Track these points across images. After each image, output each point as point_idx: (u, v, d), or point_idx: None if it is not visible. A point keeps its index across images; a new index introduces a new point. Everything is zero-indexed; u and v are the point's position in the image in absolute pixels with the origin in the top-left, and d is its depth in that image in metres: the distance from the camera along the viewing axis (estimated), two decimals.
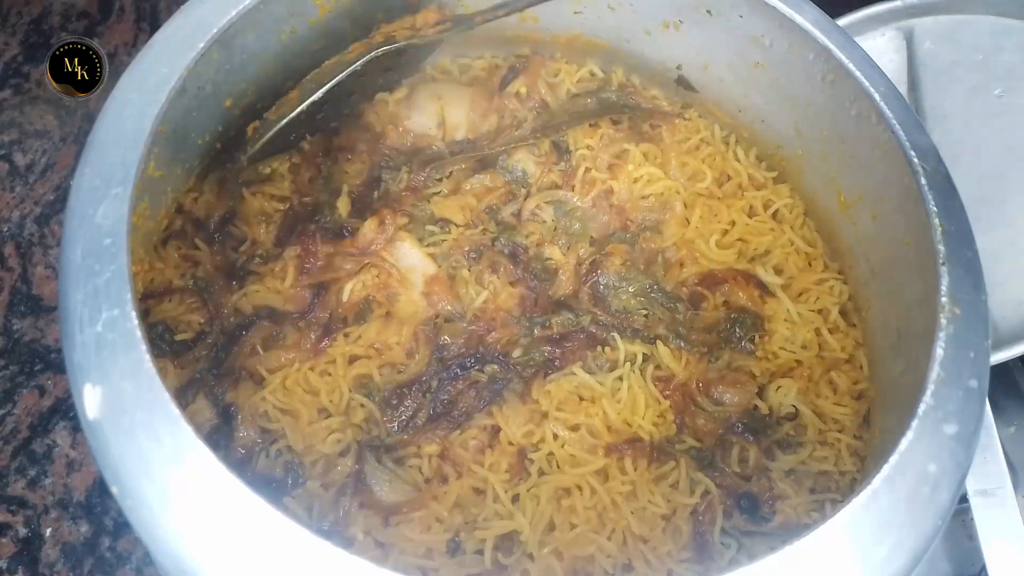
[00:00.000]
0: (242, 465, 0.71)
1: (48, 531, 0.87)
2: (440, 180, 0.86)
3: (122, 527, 0.88)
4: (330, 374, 0.75)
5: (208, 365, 0.75)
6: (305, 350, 0.76)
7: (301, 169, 0.85)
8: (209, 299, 0.77)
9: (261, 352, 0.75)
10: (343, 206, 0.83)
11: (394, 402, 0.75)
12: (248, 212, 0.82)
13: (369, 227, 0.81)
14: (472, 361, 0.77)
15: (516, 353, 0.78)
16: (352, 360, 0.76)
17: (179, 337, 0.75)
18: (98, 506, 0.89)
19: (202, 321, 0.76)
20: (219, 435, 0.71)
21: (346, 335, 0.77)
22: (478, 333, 0.79)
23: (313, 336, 0.77)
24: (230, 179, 0.82)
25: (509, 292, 0.81)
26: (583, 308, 0.81)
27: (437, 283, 0.80)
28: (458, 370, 0.76)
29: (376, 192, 0.85)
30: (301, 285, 0.79)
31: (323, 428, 0.73)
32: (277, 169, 0.85)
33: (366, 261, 0.80)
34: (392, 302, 0.79)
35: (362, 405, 0.75)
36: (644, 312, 0.81)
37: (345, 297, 0.78)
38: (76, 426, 0.92)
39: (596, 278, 0.82)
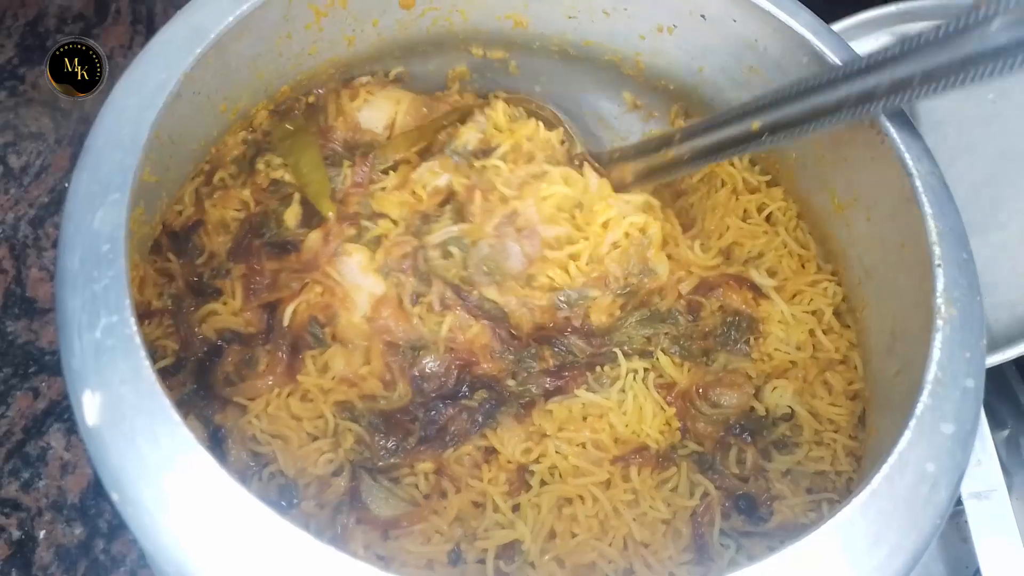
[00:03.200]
0: None
1: (42, 533, 0.87)
2: (386, 173, 0.83)
3: (116, 529, 0.88)
4: (311, 400, 0.74)
5: (195, 386, 0.73)
6: (279, 374, 0.73)
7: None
8: (181, 322, 0.74)
9: (236, 382, 0.73)
10: (291, 216, 0.79)
11: (383, 429, 0.74)
12: (209, 222, 0.79)
13: (313, 240, 0.77)
14: (460, 391, 0.76)
15: (509, 382, 0.77)
16: (328, 391, 0.75)
17: (160, 365, 0.73)
18: (92, 508, 0.88)
19: (176, 347, 0.74)
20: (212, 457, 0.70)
21: (313, 359, 0.75)
22: (459, 364, 0.77)
23: (284, 357, 0.74)
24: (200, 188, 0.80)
25: (482, 326, 0.78)
26: (572, 344, 0.80)
27: (386, 305, 0.77)
28: (441, 403, 0.75)
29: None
30: (250, 307, 0.75)
31: (314, 450, 0.72)
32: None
33: (306, 279, 0.76)
34: (333, 323, 0.76)
35: (350, 429, 0.74)
36: (646, 334, 0.81)
37: (286, 321, 0.75)
38: (70, 428, 0.92)
39: (588, 327, 0.80)
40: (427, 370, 0.76)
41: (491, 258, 0.78)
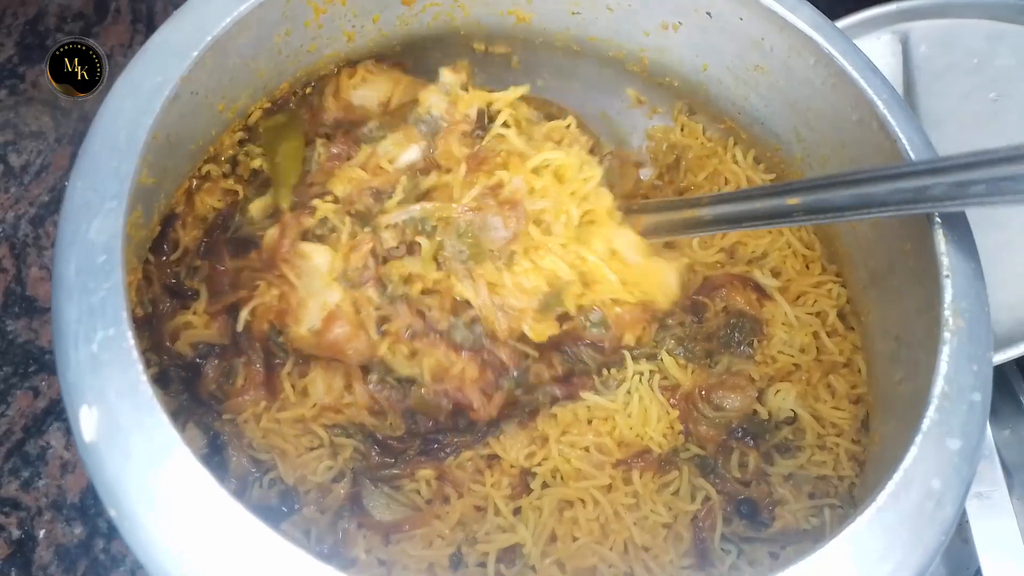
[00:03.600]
0: (237, 496, 0.68)
1: (41, 533, 0.87)
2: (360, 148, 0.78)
3: (116, 530, 0.87)
4: (301, 421, 0.73)
5: (191, 395, 0.72)
6: (258, 386, 0.72)
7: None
8: (155, 332, 0.72)
9: (221, 398, 0.71)
10: (256, 208, 0.76)
11: (377, 448, 0.73)
12: (189, 215, 0.76)
13: (271, 236, 0.72)
14: (458, 424, 0.73)
15: (516, 391, 0.75)
16: (314, 417, 0.73)
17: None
18: (92, 508, 0.88)
19: (159, 360, 0.72)
20: (212, 465, 0.67)
21: (290, 378, 0.73)
22: (453, 403, 0.72)
23: (260, 369, 0.71)
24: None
25: (465, 360, 0.71)
26: (583, 353, 0.78)
27: (339, 320, 0.69)
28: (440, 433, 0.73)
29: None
30: (214, 309, 0.72)
31: (313, 459, 0.72)
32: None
33: (259, 280, 0.71)
34: (285, 333, 0.71)
35: (345, 443, 0.73)
36: (656, 338, 0.80)
37: (240, 325, 0.70)
38: (70, 428, 0.90)
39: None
40: (421, 404, 0.72)
41: (468, 235, 0.70)
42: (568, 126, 0.81)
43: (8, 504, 0.88)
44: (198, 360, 0.72)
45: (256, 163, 0.79)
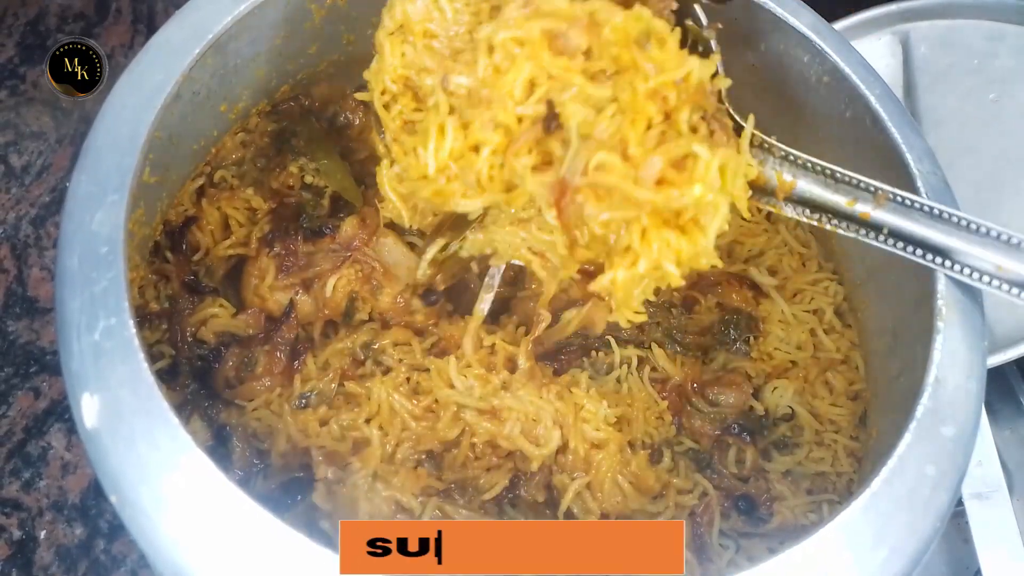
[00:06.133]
0: (240, 487, 0.69)
1: (42, 533, 0.87)
2: None
3: (117, 530, 0.88)
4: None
5: (198, 386, 0.73)
6: (277, 375, 0.74)
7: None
8: (176, 323, 0.75)
9: (236, 385, 0.73)
10: (323, 207, 0.81)
11: None
12: (207, 220, 0.79)
13: (350, 224, 0.78)
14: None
15: None
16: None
17: (156, 366, 0.73)
18: (93, 508, 0.89)
19: (173, 352, 0.74)
20: (216, 457, 0.68)
21: (314, 356, 0.75)
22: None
23: (281, 356, 0.74)
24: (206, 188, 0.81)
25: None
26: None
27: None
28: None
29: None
30: (281, 286, 0.76)
31: None
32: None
33: (348, 254, 0.78)
34: (376, 296, 0.77)
35: None
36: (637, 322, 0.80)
37: (328, 292, 0.76)
38: (71, 428, 0.92)
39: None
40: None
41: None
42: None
43: (9, 505, 0.88)
44: (221, 347, 0.74)
45: (310, 179, 0.82)
